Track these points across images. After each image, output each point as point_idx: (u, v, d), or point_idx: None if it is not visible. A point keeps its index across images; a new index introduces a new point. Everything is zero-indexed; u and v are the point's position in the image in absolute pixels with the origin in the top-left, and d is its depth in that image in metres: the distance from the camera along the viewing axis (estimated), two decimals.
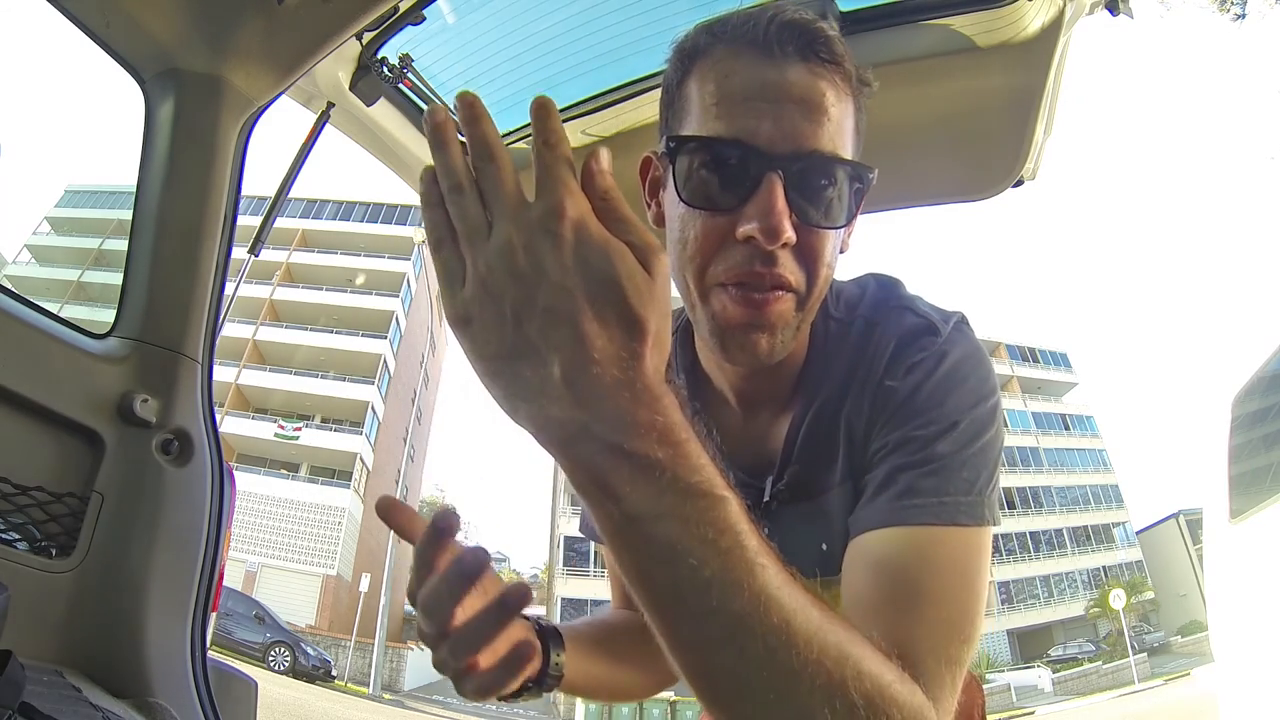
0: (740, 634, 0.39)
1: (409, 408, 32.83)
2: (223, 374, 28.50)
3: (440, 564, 0.48)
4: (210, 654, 1.10)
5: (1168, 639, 33.22)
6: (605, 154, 0.41)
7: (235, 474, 1.28)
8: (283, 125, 1.76)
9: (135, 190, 1.13)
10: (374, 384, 30.40)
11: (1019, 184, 1.44)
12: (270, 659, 16.96)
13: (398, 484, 26.17)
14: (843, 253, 0.69)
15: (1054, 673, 28.88)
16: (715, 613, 0.39)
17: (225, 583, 1.59)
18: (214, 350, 1.18)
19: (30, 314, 1.03)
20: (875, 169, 0.63)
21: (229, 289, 1.20)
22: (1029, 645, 36.05)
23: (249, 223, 1.29)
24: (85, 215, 33.94)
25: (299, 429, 29.01)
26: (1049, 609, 35.95)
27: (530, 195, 0.39)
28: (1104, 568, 37.82)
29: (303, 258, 33.04)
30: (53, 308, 1.13)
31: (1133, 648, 25.92)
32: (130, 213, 1.13)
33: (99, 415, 1.04)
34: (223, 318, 1.20)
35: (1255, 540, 2.78)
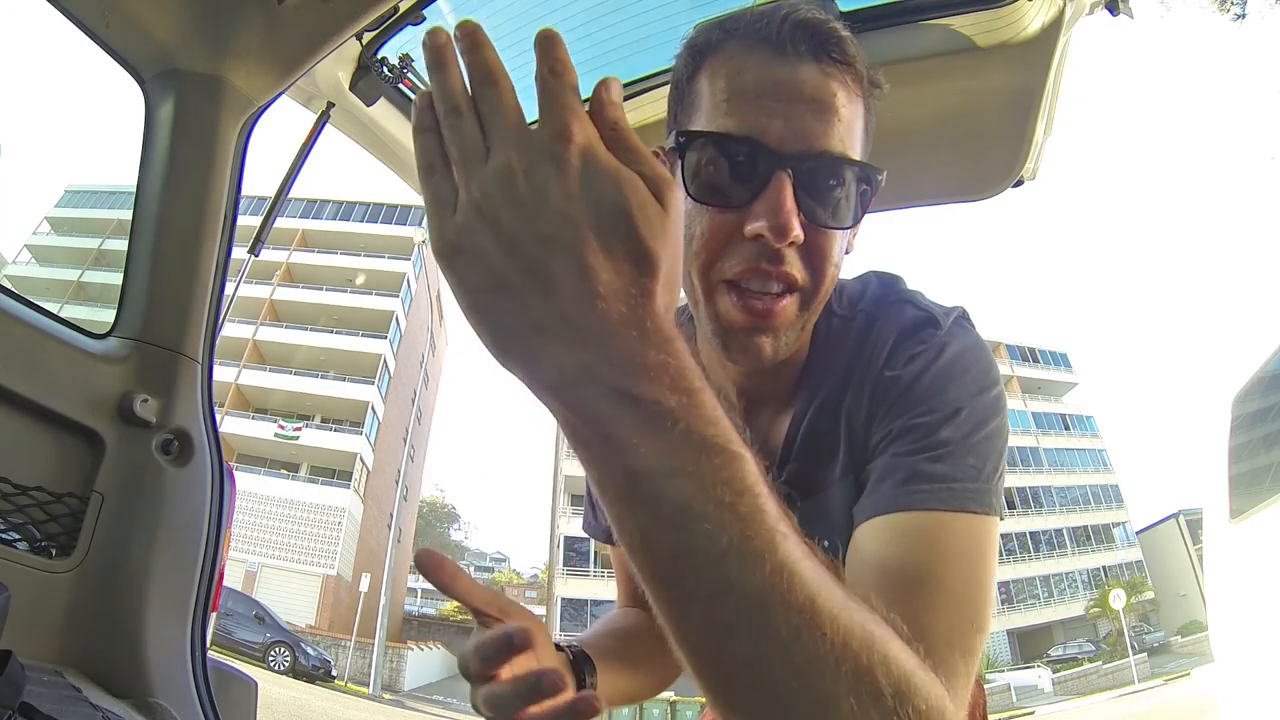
0: (760, 613, 0.34)
1: (409, 408, 32.82)
2: (223, 374, 28.50)
3: (505, 672, 0.49)
4: (210, 654, 1.10)
5: (1168, 639, 33.23)
6: (616, 84, 0.39)
7: (235, 474, 1.28)
8: (283, 125, 1.76)
9: (135, 190, 1.13)
10: (374, 384, 30.41)
11: (1019, 184, 1.44)
12: (270, 659, 16.97)
13: (398, 484, 26.13)
14: (848, 253, 0.68)
15: (1054, 673, 28.87)
16: (732, 589, 0.34)
17: (225, 583, 1.59)
18: (214, 350, 1.18)
19: (30, 314, 1.03)
20: (884, 171, 0.63)
21: (229, 289, 1.20)
22: (1029, 645, 36.05)
23: (249, 223, 1.29)
24: (85, 215, 33.95)
25: (299, 429, 29.01)
26: (1049, 609, 35.92)
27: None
28: (1104, 568, 37.82)
29: (303, 258, 33.05)
30: (53, 308, 1.13)
31: (1133, 648, 25.93)
32: (130, 213, 1.14)
33: (99, 415, 1.04)
34: (223, 318, 1.20)
35: (1255, 540, 2.78)
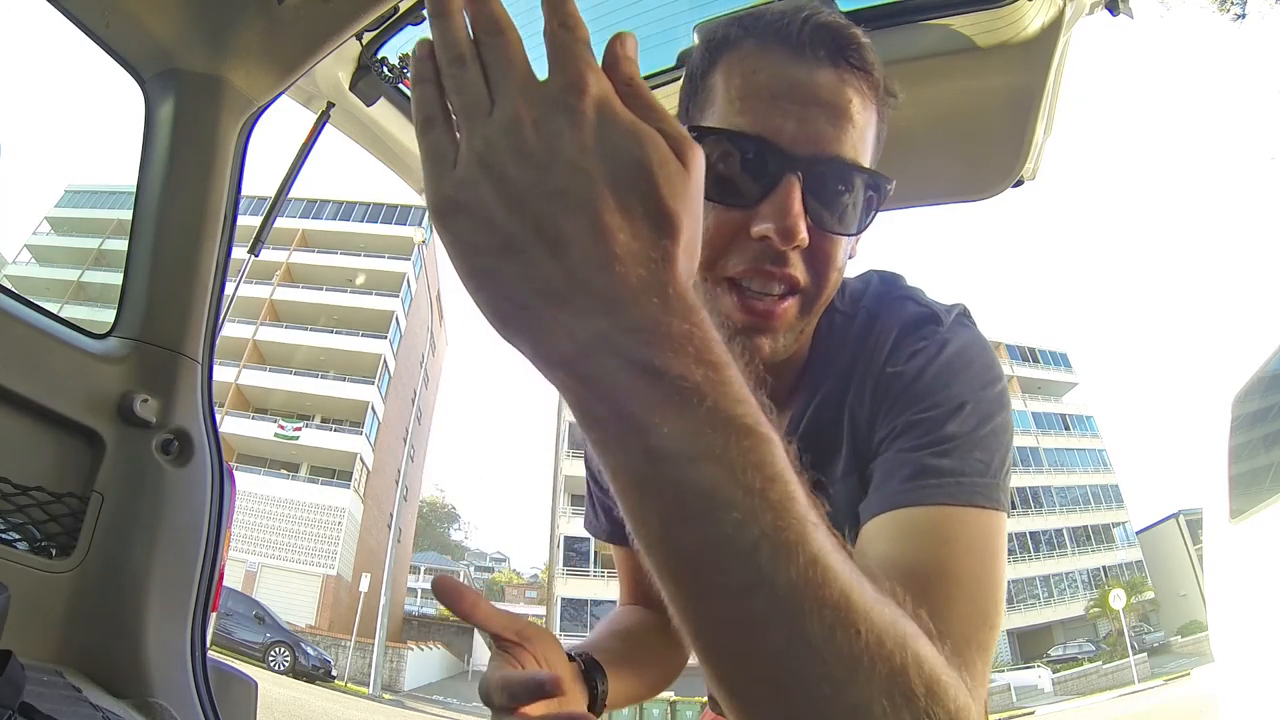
0: (793, 610, 0.31)
1: (409, 408, 32.83)
2: (223, 374, 28.50)
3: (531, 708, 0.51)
4: (210, 654, 1.10)
5: (1168, 639, 33.22)
6: (631, 39, 0.37)
7: (235, 474, 1.28)
8: (283, 125, 1.76)
9: (135, 190, 1.13)
10: (374, 384, 30.41)
11: (1019, 184, 1.44)
12: (270, 659, 16.97)
13: (398, 484, 26.13)
14: (851, 258, 0.68)
15: (1054, 673, 28.87)
16: (763, 584, 0.31)
17: (225, 583, 1.59)
18: (214, 350, 1.18)
19: (30, 314, 1.03)
20: (893, 180, 0.62)
21: (229, 289, 1.20)
22: (1029, 645, 36.05)
23: (249, 223, 1.29)
24: (85, 215, 33.95)
25: (299, 429, 29.01)
26: (1049, 609, 35.93)
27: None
28: (1104, 568, 37.84)
29: (303, 258, 33.04)
30: (53, 308, 1.13)
31: (1133, 648, 25.92)
32: (130, 213, 1.14)
33: (99, 415, 1.04)
34: (223, 318, 1.20)
35: (1255, 540, 2.78)
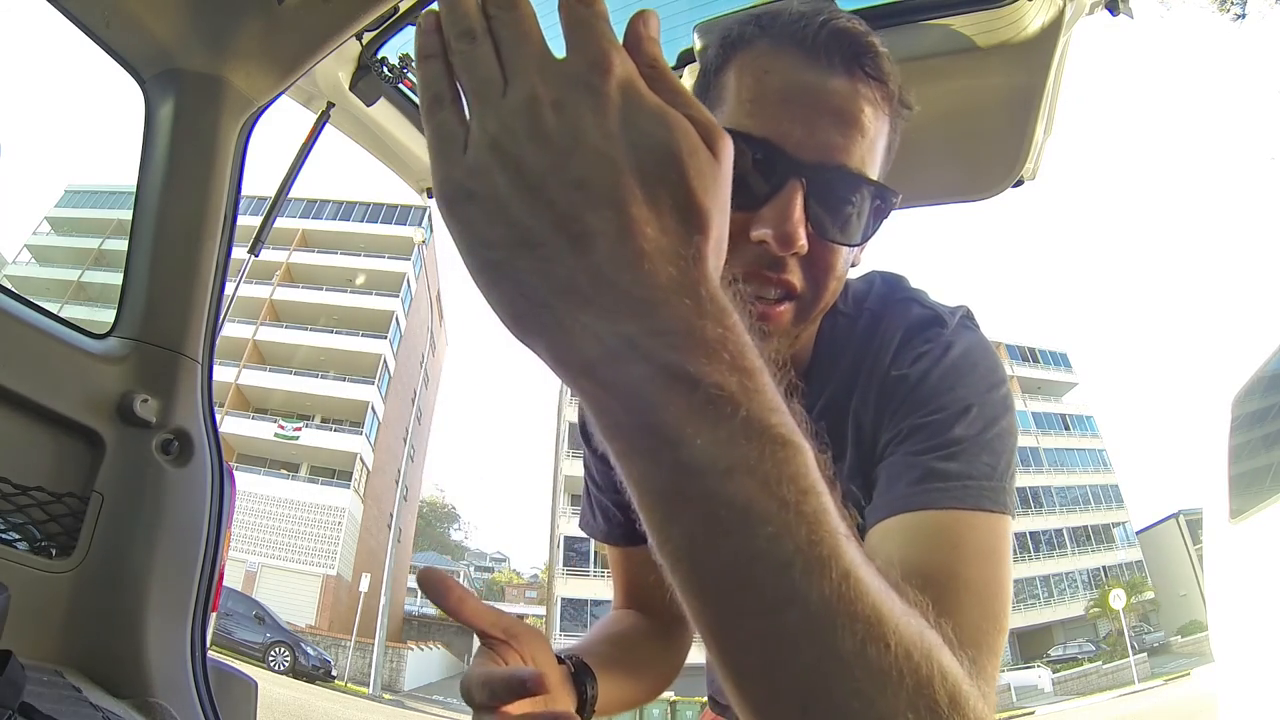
0: (825, 626, 0.30)
1: (409, 408, 32.82)
2: (223, 374, 28.50)
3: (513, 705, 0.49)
4: (210, 654, 1.10)
5: (1168, 639, 33.23)
6: (654, 17, 0.34)
7: (235, 474, 1.28)
8: (283, 125, 1.76)
9: (135, 190, 1.13)
10: (374, 384, 30.41)
11: (1019, 184, 1.44)
12: (270, 659, 16.97)
13: (398, 484, 26.13)
14: (854, 266, 0.68)
15: (1054, 673, 28.87)
16: (795, 600, 0.30)
17: (225, 583, 1.59)
18: (214, 350, 1.18)
19: (30, 314, 1.03)
20: (900, 194, 0.61)
21: (229, 289, 1.20)
22: (1029, 645, 36.06)
23: (249, 223, 1.29)
24: (85, 215, 33.95)
25: (299, 429, 29.01)
26: (1049, 609, 35.92)
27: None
28: (1104, 568, 37.83)
29: (303, 258, 33.04)
30: (53, 308, 1.13)
31: (1133, 648, 25.93)
32: (130, 213, 1.14)
33: (99, 415, 1.04)
34: (223, 318, 1.20)
35: (1255, 540, 2.78)
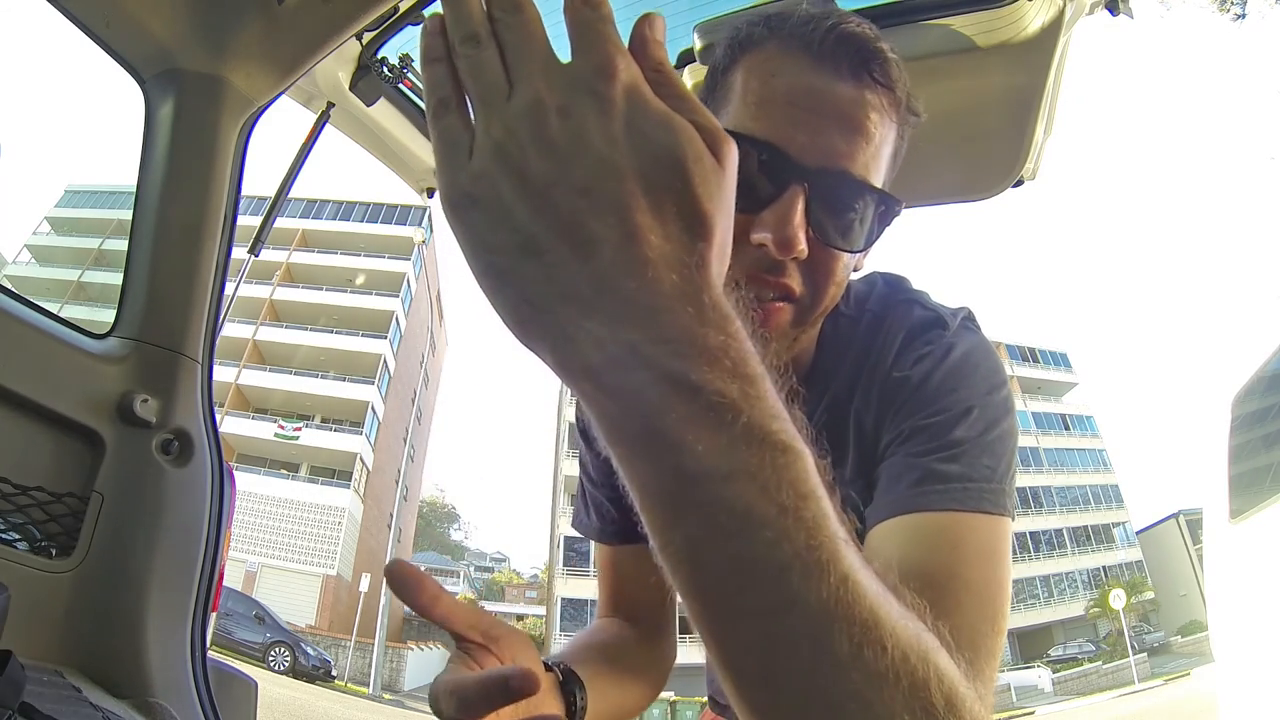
0: (823, 629, 0.30)
1: (409, 408, 32.83)
2: (223, 374, 28.50)
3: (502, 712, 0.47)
4: (210, 654, 1.10)
5: (1168, 639, 33.24)
6: (660, 20, 0.34)
7: (235, 474, 1.28)
8: (283, 125, 1.76)
9: (135, 190, 1.13)
10: (374, 384, 30.41)
11: (1019, 184, 1.44)
12: (270, 659, 16.98)
13: (398, 484, 26.14)
14: (856, 271, 0.68)
15: (1054, 673, 28.88)
16: (794, 603, 0.30)
17: (225, 583, 1.59)
18: (214, 350, 1.18)
19: (30, 314, 1.02)
20: (903, 201, 0.61)
21: (229, 289, 1.20)
22: (1029, 645, 36.07)
23: (249, 223, 1.29)
24: (85, 215, 33.96)
25: (299, 429, 29.01)
26: (1049, 609, 35.94)
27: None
28: (1104, 568, 37.85)
29: (303, 258, 33.04)
30: (53, 308, 1.13)
31: (1133, 648, 25.94)
32: (130, 213, 1.13)
33: (99, 415, 1.04)
34: (223, 318, 1.20)
35: (1255, 540, 2.78)
